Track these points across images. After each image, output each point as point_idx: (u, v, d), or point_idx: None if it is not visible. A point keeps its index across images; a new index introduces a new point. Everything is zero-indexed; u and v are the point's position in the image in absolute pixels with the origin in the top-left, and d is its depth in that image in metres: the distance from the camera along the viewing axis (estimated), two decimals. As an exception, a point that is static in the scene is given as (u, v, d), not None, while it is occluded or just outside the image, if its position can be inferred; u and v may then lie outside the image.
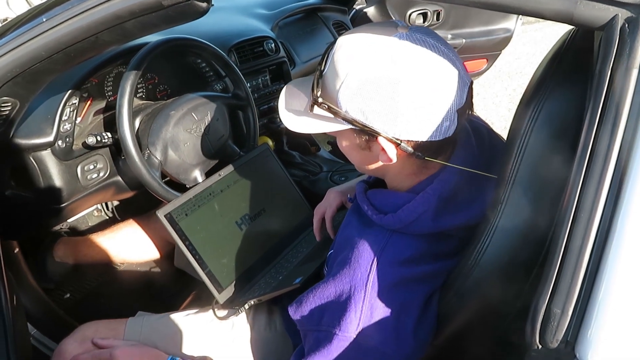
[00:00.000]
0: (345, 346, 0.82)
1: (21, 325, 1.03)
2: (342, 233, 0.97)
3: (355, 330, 0.81)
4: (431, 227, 0.84)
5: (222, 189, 1.34)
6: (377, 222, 0.87)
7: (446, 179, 0.84)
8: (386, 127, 0.78)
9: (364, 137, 0.82)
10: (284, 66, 2.03)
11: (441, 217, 0.84)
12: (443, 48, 0.78)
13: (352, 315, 0.81)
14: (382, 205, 0.89)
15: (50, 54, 0.90)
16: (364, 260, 0.84)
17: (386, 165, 0.85)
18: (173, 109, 1.33)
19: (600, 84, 0.61)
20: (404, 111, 0.76)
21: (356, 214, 0.96)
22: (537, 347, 0.62)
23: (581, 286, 0.58)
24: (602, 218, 0.58)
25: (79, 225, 1.80)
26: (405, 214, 0.84)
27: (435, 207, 0.83)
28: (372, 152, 0.84)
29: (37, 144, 1.19)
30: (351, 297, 0.82)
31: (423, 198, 0.84)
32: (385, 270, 0.82)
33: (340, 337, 0.82)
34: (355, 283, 0.82)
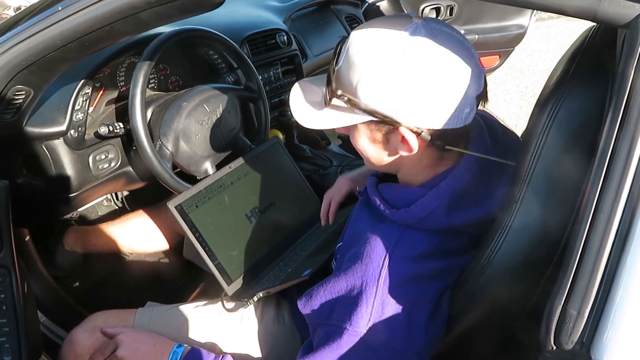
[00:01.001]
0: (355, 341, 0.81)
1: (31, 313, 1.04)
2: (352, 226, 0.97)
3: (365, 326, 0.80)
4: (444, 222, 0.84)
5: (232, 181, 1.34)
6: (390, 217, 0.87)
7: (460, 175, 0.84)
8: (407, 116, 0.77)
9: (383, 129, 0.81)
10: (296, 59, 2.02)
11: (454, 212, 0.84)
12: (458, 37, 0.78)
13: (363, 310, 0.81)
14: (395, 200, 0.88)
15: (65, 42, 0.90)
16: (376, 255, 0.83)
17: (402, 159, 0.85)
18: (185, 100, 1.33)
19: (622, 84, 0.60)
20: (423, 100, 0.76)
21: (367, 208, 0.96)
22: (552, 348, 0.62)
23: (598, 288, 0.58)
24: (621, 219, 0.57)
25: (89, 215, 1.81)
26: (419, 209, 0.83)
27: (448, 202, 0.83)
28: (389, 144, 0.84)
29: (49, 132, 1.19)
30: (363, 292, 0.82)
31: (436, 193, 0.83)
32: (397, 266, 0.82)
33: (350, 332, 0.81)
34: (367, 278, 0.82)
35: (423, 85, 0.75)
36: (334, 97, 0.81)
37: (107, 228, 1.63)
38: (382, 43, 0.76)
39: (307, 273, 1.11)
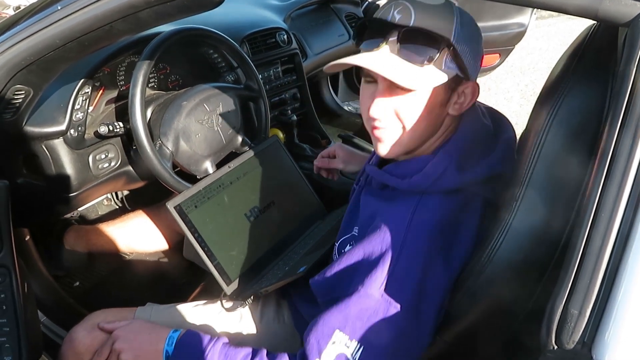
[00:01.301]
0: (364, 304, 0.83)
1: (32, 312, 1.04)
2: (363, 214, 0.99)
3: (378, 289, 0.82)
4: (457, 180, 0.88)
5: (231, 181, 1.34)
6: (405, 186, 0.90)
7: (461, 135, 0.91)
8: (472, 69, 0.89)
9: (452, 87, 0.88)
10: (296, 58, 2.02)
11: (464, 169, 0.89)
12: None
13: (378, 273, 0.83)
14: (406, 171, 0.92)
15: (64, 42, 0.90)
16: (397, 223, 0.86)
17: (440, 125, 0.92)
18: (185, 100, 1.33)
19: (623, 82, 0.59)
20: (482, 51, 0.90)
21: (371, 196, 0.99)
22: (553, 347, 0.61)
23: (600, 287, 0.58)
24: (622, 219, 0.57)
25: (89, 214, 1.81)
26: (432, 170, 0.88)
27: (457, 159, 0.89)
28: (446, 107, 0.90)
29: (49, 132, 1.19)
30: (382, 257, 0.84)
31: (445, 152, 0.89)
32: (418, 231, 0.85)
33: (361, 293, 0.83)
34: (387, 244, 0.85)
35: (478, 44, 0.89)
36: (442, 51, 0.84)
37: (107, 227, 1.63)
38: None
39: (302, 270, 1.12)
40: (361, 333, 0.82)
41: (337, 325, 0.84)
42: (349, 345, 0.82)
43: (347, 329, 0.83)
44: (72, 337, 1.09)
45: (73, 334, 1.10)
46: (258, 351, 0.92)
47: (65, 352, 1.09)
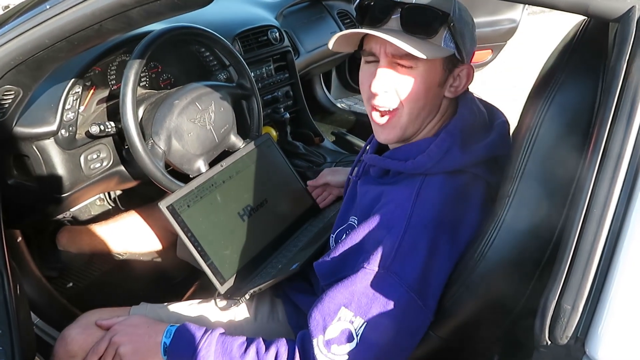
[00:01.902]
0: (370, 280, 0.84)
1: (25, 315, 1.03)
2: (361, 202, 1.00)
3: (383, 265, 0.83)
4: (461, 160, 0.90)
5: (224, 179, 1.33)
6: (409, 168, 0.92)
7: (460, 117, 0.94)
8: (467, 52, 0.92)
9: (449, 67, 0.91)
10: (288, 55, 2.02)
11: (467, 149, 0.91)
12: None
13: (385, 249, 0.84)
14: (409, 153, 0.94)
15: (53, 42, 0.89)
16: (402, 203, 0.88)
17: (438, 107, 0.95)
18: (177, 99, 1.32)
19: (615, 77, 0.60)
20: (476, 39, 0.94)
21: (370, 184, 1.01)
22: (546, 343, 0.62)
23: (592, 282, 0.58)
24: (615, 214, 0.57)
25: (82, 215, 1.80)
26: (436, 150, 0.90)
27: (460, 139, 0.91)
28: (443, 88, 0.93)
29: (40, 133, 1.18)
30: (387, 235, 0.85)
31: (447, 133, 0.92)
32: (424, 209, 0.86)
33: (367, 269, 0.84)
34: (392, 221, 0.87)
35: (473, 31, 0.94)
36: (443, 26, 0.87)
37: (100, 228, 1.62)
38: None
39: (295, 266, 1.12)
40: (366, 309, 0.83)
41: (343, 302, 0.85)
42: (353, 321, 0.83)
43: (353, 306, 0.84)
44: (65, 337, 1.08)
45: (66, 333, 1.09)
46: (254, 339, 0.93)
47: (58, 351, 1.08)
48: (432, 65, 0.89)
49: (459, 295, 0.85)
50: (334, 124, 2.64)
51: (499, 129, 0.97)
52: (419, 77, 0.89)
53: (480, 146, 0.92)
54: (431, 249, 0.85)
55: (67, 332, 1.10)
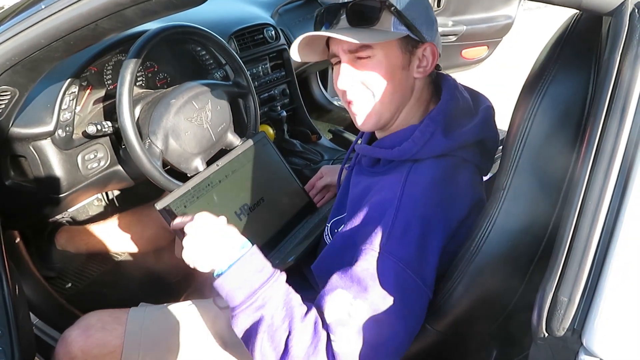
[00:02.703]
0: (368, 260, 0.85)
1: (24, 315, 1.03)
2: (352, 192, 1.03)
3: (380, 244, 0.85)
4: (445, 144, 0.92)
5: (220, 179, 1.33)
6: (395, 155, 0.95)
7: (446, 101, 0.97)
8: (427, 31, 0.94)
9: (408, 49, 0.94)
10: (284, 54, 2.02)
11: (450, 133, 0.94)
12: None
13: (379, 231, 0.86)
14: (394, 141, 0.97)
15: (49, 41, 0.89)
16: (392, 188, 0.90)
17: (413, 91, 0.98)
18: (173, 98, 1.32)
19: (608, 71, 0.60)
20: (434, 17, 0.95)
21: (361, 175, 1.04)
22: (544, 335, 0.62)
23: (588, 275, 0.58)
24: (610, 206, 0.58)
25: (79, 215, 1.80)
26: (419, 135, 0.93)
27: (444, 124, 0.94)
28: (409, 71, 0.96)
29: (37, 133, 1.18)
30: (381, 218, 0.87)
31: (430, 118, 0.95)
32: (413, 190, 0.89)
33: (366, 250, 0.86)
34: (384, 205, 0.89)
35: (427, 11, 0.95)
36: (384, 11, 0.91)
37: (98, 228, 1.62)
38: None
39: (291, 259, 1.13)
40: (366, 291, 0.83)
41: (341, 285, 0.85)
42: (352, 303, 0.83)
43: (351, 289, 0.84)
44: (66, 338, 1.09)
45: (66, 334, 1.10)
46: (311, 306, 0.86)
47: (59, 352, 1.09)
48: (389, 50, 0.93)
49: (455, 289, 0.86)
50: (331, 121, 2.65)
51: (483, 114, 0.99)
52: (380, 65, 0.93)
53: (464, 131, 0.95)
54: (424, 227, 0.86)
55: (67, 333, 1.10)
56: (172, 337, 1.10)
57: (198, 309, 1.17)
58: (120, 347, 1.08)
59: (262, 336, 0.81)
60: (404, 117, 1.00)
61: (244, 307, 0.83)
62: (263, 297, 0.83)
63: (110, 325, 1.10)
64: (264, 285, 0.84)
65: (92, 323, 1.11)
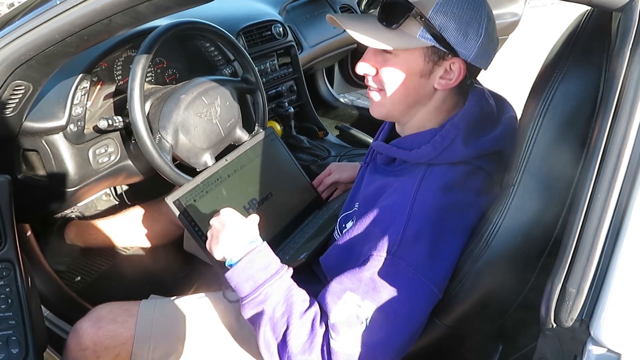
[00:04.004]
0: (378, 267, 0.85)
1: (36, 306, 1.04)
2: (365, 190, 1.03)
3: (390, 251, 0.85)
4: (464, 152, 0.91)
5: (229, 174, 1.35)
6: (413, 158, 0.94)
7: (470, 107, 0.94)
8: (459, 46, 0.88)
9: (433, 59, 0.90)
10: (292, 50, 2.03)
11: (470, 142, 0.92)
12: None
13: (390, 237, 0.85)
14: (413, 143, 0.96)
15: (64, 37, 0.90)
16: (405, 192, 0.90)
17: (429, 99, 0.95)
18: (183, 93, 1.33)
19: (617, 66, 0.61)
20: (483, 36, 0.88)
21: (376, 173, 1.03)
22: (552, 325, 0.63)
23: (597, 266, 0.59)
24: (619, 199, 0.58)
25: (88, 210, 1.82)
26: (440, 141, 0.91)
27: (465, 131, 0.92)
28: (429, 80, 0.92)
29: (49, 127, 1.19)
30: (392, 223, 0.87)
31: (452, 124, 0.93)
32: (427, 196, 0.88)
33: (374, 257, 0.86)
34: (396, 210, 0.88)
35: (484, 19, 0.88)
36: (409, 17, 0.88)
37: (107, 222, 1.64)
38: None
39: (303, 256, 1.13)
40: (374, 293, 0.84)
41: (349, 287, 0.86)
42: (361, 305, 0.84)
43: (360, 290, 0.85)
44: (77, 330, 1.10)
45: (78, 326, 1.11)
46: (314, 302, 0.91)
47: (71, 344, 1.10)
48: (412, 55, 0.91)
49: (464, 283, 0.86)
50: (337, 118, 2.65)
51: (506, 124, 0.97)
52: (398, 65, 0.92)
53: (484, 140, 0.93)
54: (435, 235, 0.86)
55: (78, 325, 1.11)
56: (183, 329, 1.11)
57: (207, 301, 1.18)
58: (132, 339, 1.09)
59: (264, 327, 0.89)
60: (421, 119, 0.98)
61: (249, 299, 0.90)
62: (265, 293, 0.89)
63: (121, 317, 1.11)
64: (266, 282, 0.90)
65: (103, 315, 1.12)
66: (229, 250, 0.95)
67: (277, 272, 0.92)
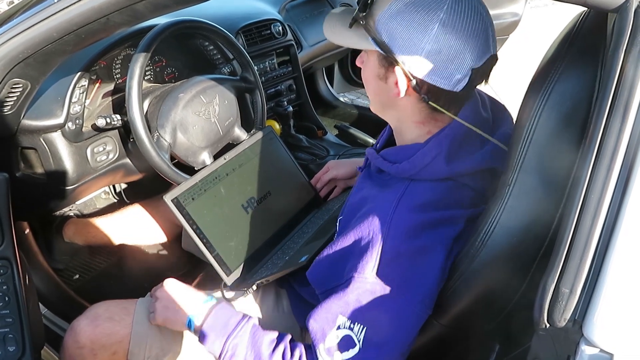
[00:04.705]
0: (362, 288, 0.85)
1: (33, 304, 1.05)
2: (355, 196, 1.02)
3: (371, 272, 0.84)
4: (445, 170, 0.88)
5: (227, 172, 1.35)
6: (394, 171, 0.92)
7: (456, 127, 0.89)
8: (405, 58, 0.84)
9: (385, 65, 0.88)
10: (291, 49, 2.03)
11: (453, 161, 0.89)
12: (483, 12, 0.86)
13: (369, 257, 0.85)
14: (397, 156, 0.94)
15: (61, 35, 0.91)
16: (384, 208, 0.88)
17: (397, 107, 0.92)
18: (182, 92, 1.33)
19: (612, 67, 0.61)
20: (427, 47, 0.82)
21: (369, 180, 1.01)
22: (545, 325, 0.63)
23: (590, 266, 0.59)
24: (612, 199, 0.58)
25: (87, 208, 1.82)
26: (420, 157, 0.89)
27: (447, 150, 0.88)
28: (387, 84, 0.89)
29: (47, 125, 1.20)
30: (370, 242, 0.86)
31: (435, 142, 0.89)
32: (403, 215, 0.86)
33: (357, 279, 0.85)
34: (374, 227, 0.87)
35: (433, 32, 0.81)
36: (356, 20, 0.88)
37: (106, 220, 1.64)
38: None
39: (304, 259, 1.12)
40: (362, 315, 0.84)
41: (339, 311, 0.86)
42: (352, 327, 0.84)
43: (349, 313, 0.85)
44: (74, 328, 1.10)
45: (75, 324, 1.11)
46: (284, 337, 0.94)
47: (68, 342, 1.10)
48: (372, 56, 0.90)
49: (460, 283, 0.86)
50: (337, 117, 2.65)
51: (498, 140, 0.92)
52: (366, 65, 0.93)
53: (470, 159, 0.90)
54: (415, 253, 0.85)
55: (75, 323, 1.11)
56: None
57: (205, 300, 1.18)
58: (128, 337, 1.09)
59: None
60: (407, 130, 0.95)
61: (223, 356, 0.94)
62: (232, 347, 0.93)
63: (118, 315, 1.12)
64: (229, 337, 0.94)
65: (100, 313, 1.12)
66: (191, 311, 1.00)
67: (235, 327, 0.95)
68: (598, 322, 0.59)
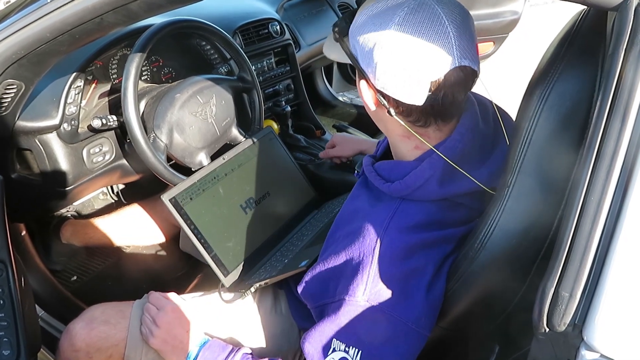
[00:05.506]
0: (354, 311, 0.83)
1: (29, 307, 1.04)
2: (349, 205, 1.00)
3: (362, 295, 0.82)
4: (438, 192, 0.86)
5: (226, 172, 1.34)
6: (385, 190, 0.90)
7: (451, 146, 0.85)
8: (368, 71, 0.83)
9: (360, 77, 0.86)
10: (289, 49, 2.02)
11: (448, 183, 0.86)
12: (446, 21, 0.79)
13: (359, 280, 0.83)
14: (390, 174, 0.91)
15: (55, 35, 0.90)
16: (374, 228, 0.86)
17: (381, 119, 0.90)
18: (178, 92, 1.33)
19: (612, 66, 0.60)
20: (380, 59, 0.80)
21: (364, 188, 0.99)
22: (545, 330, 0.62)
23: (590, 270, 0.58)
24: (612, 202, 0.58)
25: (85, 209, 1.81)
26: (412, 179, 0.86)
27: (441, 172, 0.85)
28: (364, 97, 0.88)
29: (42, 126, 1.19)
30: (360, 263, 0.84)
31: (429, 163, 0.86)
32: (393, 236, 0.84)
33: (348, 302, 0.84)
34: (364, 249, 0.85)
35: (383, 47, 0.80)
36: (335, 34, 0.89)
37: (103, 221, 1.63)
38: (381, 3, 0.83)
39: (304, 264, 1.11)
40: (357, 338, 0.83)
41: (333, 335, 0.84)
42: (347, 350, 0.83)
43: (343, 337, 0.84)
44: (70, 331, 1.09)
45: (70, 327, 1.10)
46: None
47: (63, 345, 1.09)
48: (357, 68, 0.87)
49: (459, 286, 0.86)
50: (336, 117, 2.65)
51: (497, 159, 0.89)
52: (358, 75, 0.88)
53: (464, 181, 0.86)
54: (406, 275, 0.83)
55: (71, 326, 1.11)
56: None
57: (202, 301, 1.17)
58: (124, 341, 1.08)
59: None
60: (399, 145, 0.92)
61: None
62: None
63: (114, 318, 1.11)
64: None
65: (96, 316, 1.11)
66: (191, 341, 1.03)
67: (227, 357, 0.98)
68: (598, 326, 0.58)
